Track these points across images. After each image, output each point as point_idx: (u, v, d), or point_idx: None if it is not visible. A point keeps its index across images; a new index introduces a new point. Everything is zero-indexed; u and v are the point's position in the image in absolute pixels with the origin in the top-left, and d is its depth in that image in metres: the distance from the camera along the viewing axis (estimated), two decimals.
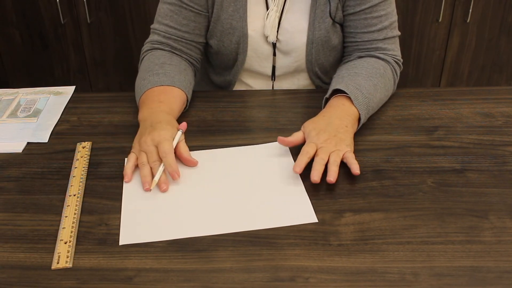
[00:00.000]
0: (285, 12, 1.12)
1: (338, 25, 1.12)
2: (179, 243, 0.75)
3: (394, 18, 1.11)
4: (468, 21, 2.16)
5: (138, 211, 0.81)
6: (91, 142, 0.98)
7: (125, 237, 0.76)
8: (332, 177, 0.84)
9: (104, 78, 2.35)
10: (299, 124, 0.97)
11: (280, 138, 0.93)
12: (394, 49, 1.12)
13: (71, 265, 0.72)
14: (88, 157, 0.94)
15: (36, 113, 1.08)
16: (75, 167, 0.91)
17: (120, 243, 0.75)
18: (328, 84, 1.09)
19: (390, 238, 0.75)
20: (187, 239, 0.76)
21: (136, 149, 0.91)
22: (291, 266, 0.71)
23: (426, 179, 0.87)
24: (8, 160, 0.94)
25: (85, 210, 0.82)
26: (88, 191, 0.86)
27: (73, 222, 0.79)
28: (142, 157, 0.88)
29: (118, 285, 0.69)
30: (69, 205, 0.82)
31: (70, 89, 1.17)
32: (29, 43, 2.26)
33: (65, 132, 1.02)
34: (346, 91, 0.99)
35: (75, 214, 0.80)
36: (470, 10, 2.13)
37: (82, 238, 0.77)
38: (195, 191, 0.85)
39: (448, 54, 2.26)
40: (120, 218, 0.80)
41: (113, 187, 0.87)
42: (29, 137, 1.00)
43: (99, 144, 0.98)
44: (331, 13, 1.10)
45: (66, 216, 0.80)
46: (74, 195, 0.84)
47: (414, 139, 0.97)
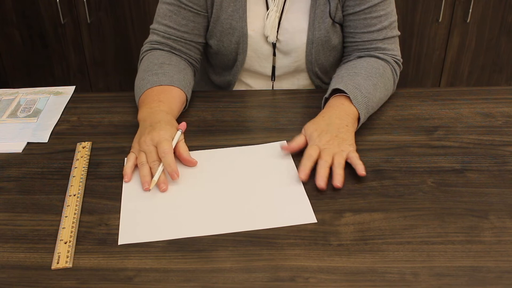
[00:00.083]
0: (285, 12, 1.12)
1: (338, 25, 1.13)
2: (179, 243, 0.75)
3: (394, 18, 1.11)
4: (468, 21, 2.16)
5: (138, 211, 0.81)
6: (91, 142, 0.98)
7: (124, 237, 0.76)
8: (339, 182, 0.84)
9: (104, 78, 2.35)
10: (299, 124, 0.96)
11: (284, 147, 0.93)
12: (394, 49, 1.12)
13: (71, 265, 0.72)
14: (88, 157, 0.94)
15: (36, 113, 1.08)
16: (75, 167, 0.91)
17: (119, 243, 0.75)
18: (328, 84, 1.09)
19: (390, 238, 0.75)
20: (187, 239, 0.76)
21: (136, 149, 0.91)
22: (291, 266, 0.71)
23: (426, 179, 0.87)
24: (8, 160, 0.94)
25: (85, 210, 0.82)
26: (88, 191, 0.86)
27: (73, 222, 0.79)
28: (142, 157, 0.88)
29: (118, 285, 0.69)
30: (69, 205, 0.82)
31: (70, 89, 1.17)
32: (29, 43, 2.26)
33: (65, 132, 1.02)
34: (345, 91, 0.99)
35: (75, 214, 0.80)
36: (470, 10, 2.13)
37: (82, 238, 0.76)
38: (195, 191, 0.85)
39: (448, 54, 2.26)
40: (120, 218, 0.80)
41: (113, 187, 0.87)
42: (29, 137, 1.00)
43: (99, 144, 0.98)
44: (331, 13, 1.10)
45: (66, 216, 0.80)
46: (74, 195, 0.84)
47: (414, 139, 0.97)
